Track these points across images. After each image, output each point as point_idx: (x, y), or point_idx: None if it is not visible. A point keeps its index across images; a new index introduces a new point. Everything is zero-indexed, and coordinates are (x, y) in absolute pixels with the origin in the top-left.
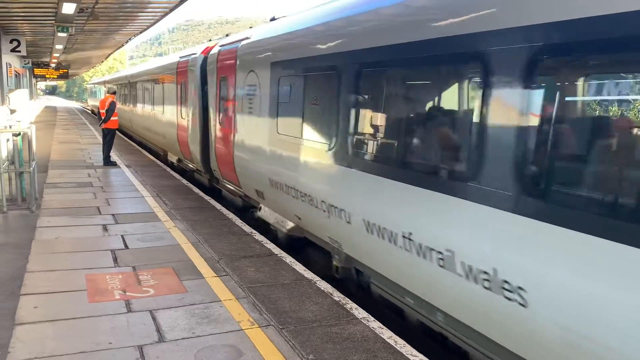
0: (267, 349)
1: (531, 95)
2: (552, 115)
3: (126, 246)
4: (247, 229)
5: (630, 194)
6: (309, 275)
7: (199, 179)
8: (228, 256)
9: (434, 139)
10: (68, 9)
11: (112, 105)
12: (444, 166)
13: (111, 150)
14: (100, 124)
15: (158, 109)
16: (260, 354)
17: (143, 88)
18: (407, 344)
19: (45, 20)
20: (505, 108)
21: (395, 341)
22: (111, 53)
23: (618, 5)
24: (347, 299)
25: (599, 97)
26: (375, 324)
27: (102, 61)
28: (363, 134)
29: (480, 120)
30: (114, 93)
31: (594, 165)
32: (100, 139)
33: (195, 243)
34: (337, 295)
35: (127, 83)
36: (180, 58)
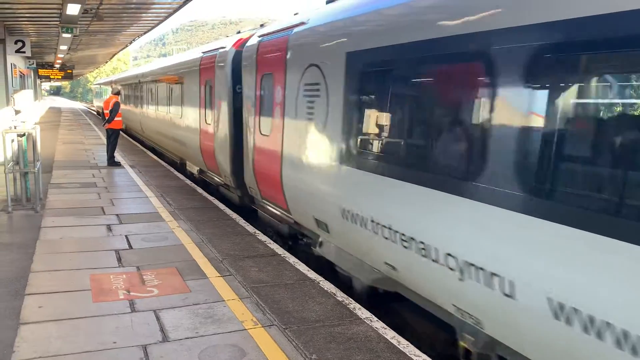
0: (271, 348)
1: None
2: None
3: (130, 246)
4: (251, 229)
5: None
6: (312, 275)
7: (226, 195)
8: (232, 256)
9: None
10: (72, 10)
11: (116, 105)
12: None
13: (115, 151)
14: (104, 124)
15: (175, 113)
16: (264, 354)
17: (156, 89)
18: (411, 344)
19: (49, 21)
20: None
21: (399, 341)
22: (115, 54)
23: None
24: (350, 299)
25: None
26: (378, 324)
27: (106, 62)
28: (560, 156)
29: None
30: (118, 94)
31: None
32: (104, 140)
33: (199, 243)
34: (341, 296)
35: (137, 83)
36: (204, 53)
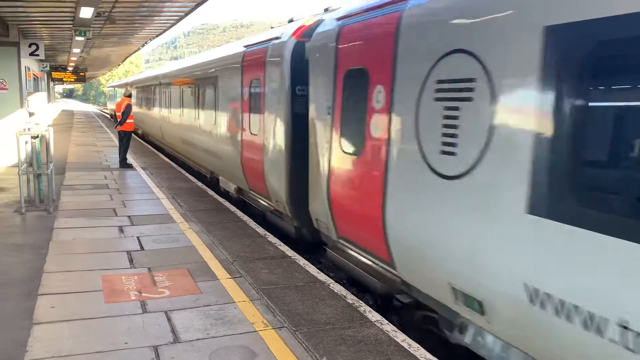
0: (281, 350)
1: None
2: None
3: (142, 247)
4: (261, 231)
5: None
6: (322, 277)
7: (275, 223)
8: (242, 258)
9: None
10: (86, 13)
11: (128, 108)
12: None
13: (127, 153)
14: (116, 127)
15: (207, 119)
16: (274, 356)
17: (182, 91)
18: (421, 347)
19: (63, 24)
20: None
21: (409, 344)
22: (128, 56)
23: None
24: (361, 302)
25: None
26: (388, 327)
27: (119, 64)
28: None
29: None
30: (130, 96)
31: None
32: (116, 142)
33: (209, 245)
34: (351, 298)
35: (157, 85)
36: (248, 47)
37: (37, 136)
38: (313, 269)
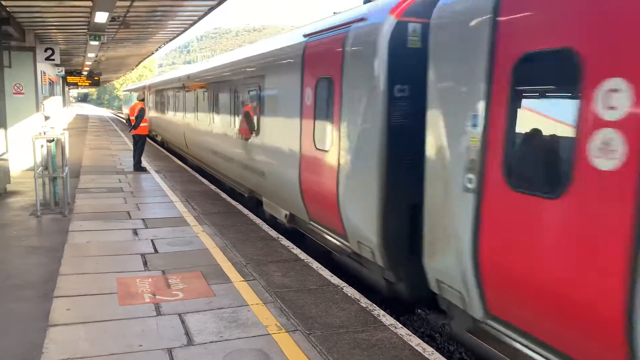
0: (295, 354)
1: None
2: None
3: (156, 250)
4: (274, 234)
5: None
6: (336, 281)
7: (353, 270)
8: (255, 261)
9: None
10: (101, 18)
11: (142, 111)
12: None
13: (142, 156)
14: (130, 130)
15: (247, 128)
16: (288, 359)
17: (212, 94)
18: (436, 352)
19: (78, 29)
20: None
21: (424, 348)
22: (141, 61)
23: None
24: (375, 306)
25: None
26: (403, 331)
27: (133, 69)
28: None
29: None
30: (143, 100)
31: None
32: (130, 145)
33: (223, 248)
34: (365, 302)
35: (181, 87)
36: (310, 37)
37: (53, 140)
38: (326, 272)
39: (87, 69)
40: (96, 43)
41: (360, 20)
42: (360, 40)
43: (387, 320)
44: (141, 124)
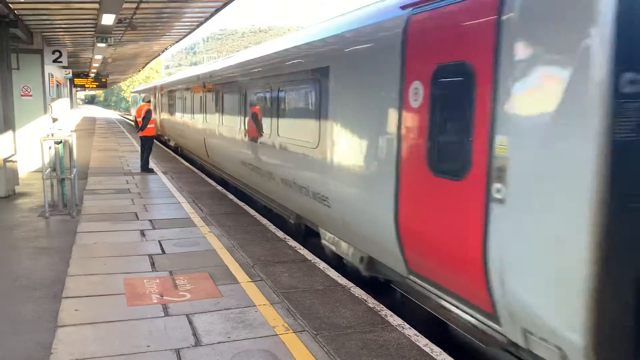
0: (302, 354)
1: None
2: None
3: (163, 251)
4: (281, 234)
5: None
6: (343, 281)
7: None
8: (262, 261)
9: None
10: (107, 20)
11: (148, 113)
12: None
13: (149, 158)
14: (138, 132)
15: (300, 136)
16: None
17: (245, 93)
18: (443, 352)
19: (85, 31)
20: None
21: (432, 349)
22: (148, 62)
23: None
24: (382, 306)
25: None
26: (410, 332)
27: (139, 70)
28: None
29: None
30: (149, 102)
31: None
32: (137, 147)
33: (230, 248)
34: (372, 302)
35: (200, 86)
36: (418, 7)
37: (61, 141)
38: (333, 273)
39: (95, 71)
40: (103, 45)
41: None
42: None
43: (395, 320)
44: (148, 126)
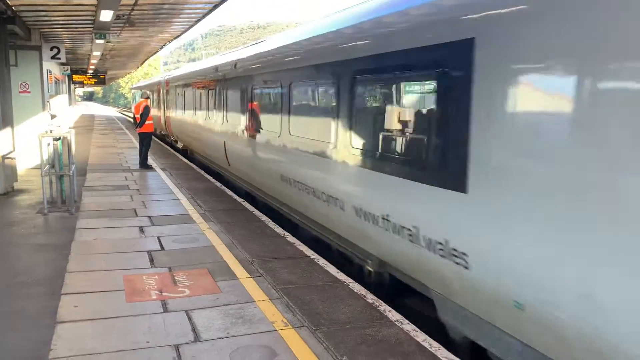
0: (301, 350)
1: None
2: None
3: (162, 247)
4: (280, 231)
5: None
6: (342, 277)
7: None
8: (261, 258)
9: None
10: (105, 16)
11: (146, 109)
12: None
13: (148, 154)
14: (136, 128)
15: (411, 157)
16: (295, 355)
17: (291, 87)
18: (442, 347)
19: (83, 27)
20: None
21: (430, 344)
22: (146, 59)
23: None
24: (381, 301)
25: None
26: (409, 327)
27: (138, 67)
28: None
29: None
30: (148, 97)
31: None
32: (136, 143)
33: (229, 244)
34: (371, 298)
35: (220, 80)
36: None
37: (59, 138)
38: (333, 269)
39: (93, 67)
40: (101, 41)
41: None
42: None
43: (394, 315)
44: (146, 122)
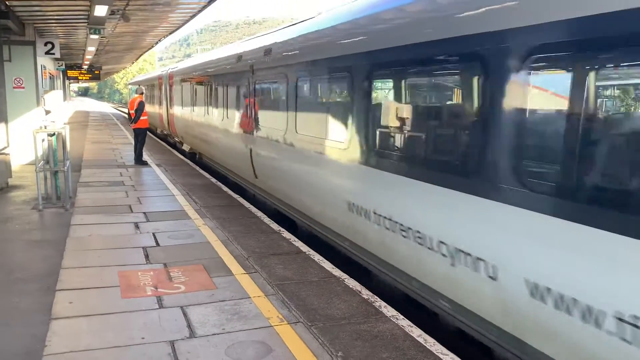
0: (297, 345)
1: None
2: None
3: (157, 243)
4: (275, 227)
5: None
6: (337, 273)
7: None
8: (257, 254)
9: None
10: (100, 11)
11: (141, 105)
12: None
13: (143, 150)
14: (131, 124)
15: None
16: (290, 351)
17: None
18: (437, 343)
19: (78, 22)
20: None
21: (425, 339)
22: (142, 54)
23: None
24: (376, 297)
25: None
26: (404, 322)
27: (133, 62)
28: None
29: None
30: (142, 93)
31: None
32: (131, 139)
33: (224, 241)
34: (366, 293)
35: (244, 71)
36: None
37: (54, 134)
38: (328, 265)
39: (88, 62)
40: (96, 37)
41: None
42: None
43: (389, 311)
44: (141, 118)
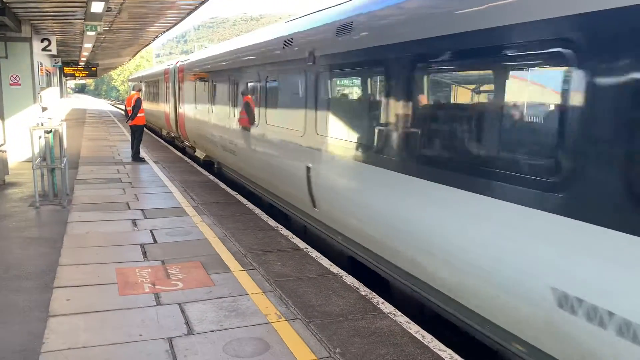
0: (294, 342)
1: None
2: None
3: (155, 240)
4: (273, 223)
5: None
6: (335, 269)
7: None
8: (255, 250)
9: None
10: (97, 7)
11: (138, 102)
12: None
13: (140, 147)
14: (128, 121)
15: None
16: (288, 347)
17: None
18: (435, 339)
19: (74, 19)
20: None
21: (423, 335)
22: (139, 51)
23: None
24: (374, 294)
25: None
26: (402, 319)
27: (130, 59)
28: None
29: None
30: (140, 90)
31: None
32: (128, 136)
33: (222, 237)
34: (364, 290)
35: (283, 63)
36: None
37: (51, 131)
38: (326, 261)
39: (84, 59)
40: (93, 33)
41: None
42: None
43: (387, 307)
44: (138, 115)
